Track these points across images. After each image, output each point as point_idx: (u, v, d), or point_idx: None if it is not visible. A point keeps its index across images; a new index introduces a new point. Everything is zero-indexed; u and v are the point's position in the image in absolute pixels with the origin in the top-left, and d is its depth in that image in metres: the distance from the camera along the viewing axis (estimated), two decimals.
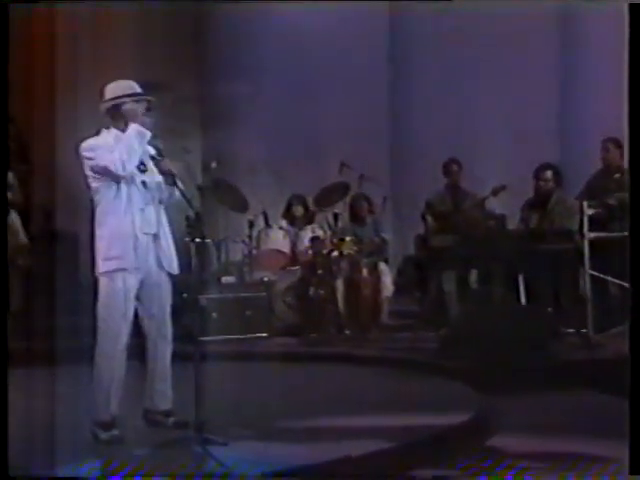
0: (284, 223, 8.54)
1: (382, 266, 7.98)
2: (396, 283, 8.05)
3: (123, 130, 4.46)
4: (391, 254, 8.42)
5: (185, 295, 5.59)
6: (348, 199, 8.30)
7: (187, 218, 4.28)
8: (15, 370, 4.10)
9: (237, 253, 8.62)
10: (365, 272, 7.84)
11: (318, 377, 6.36)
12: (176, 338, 4.61)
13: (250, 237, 8.40)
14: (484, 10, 9.04)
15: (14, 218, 7.35)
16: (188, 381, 4.33)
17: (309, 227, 8.37)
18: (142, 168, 4.46)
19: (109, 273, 4.37)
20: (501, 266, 6.91)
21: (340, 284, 7.82)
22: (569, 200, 7.19)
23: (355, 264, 7.85)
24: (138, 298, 4.44)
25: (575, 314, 6.73)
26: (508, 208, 7.68)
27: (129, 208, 4.39)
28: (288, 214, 8.59)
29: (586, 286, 6.65)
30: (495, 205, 7.73)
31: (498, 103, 9.44)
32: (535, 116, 9.48)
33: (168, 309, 4.50)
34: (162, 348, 4.51)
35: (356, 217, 8.29)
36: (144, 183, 4.46)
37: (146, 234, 4.41)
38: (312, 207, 8.58)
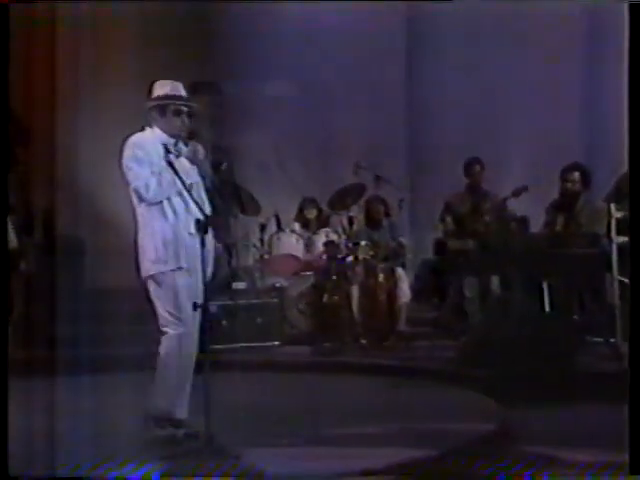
0: (297, 227, 8.54)
1: (399, 271, 7.97)
2: (413, 289, 8.03)
3: (165, 131, 4.55)
4: (408, 259, 8.40)
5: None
6: (363, 202, 8.29)
7: (196, 221, 4.31)
8: (13, 380, 4.10)
9: (248, 258, 8.62)
10: (381, 277, 7.83)
11: (332, 387, 6.35)
12: None
13: (262, 241, 8.42)
14: (509, 5, 9.05)
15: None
16: (197, 390, 4.34)
17: (323, 231, 8.37)
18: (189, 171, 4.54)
19: (159, 275, 4.45)
20: (524, 271, 6.83)
21: (355, 290, 7.82)
22: (597, 202, 7.13)
23: (371, 269, 7.84)
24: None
25: (603, 322, 6.68)
26: (532, 210, 7.63)
27: (175, 207, 4.46)
28: (300, 217, 8.59)
29: (614, 293, 6.58)
30: (518, 207, 7.67)
31: (522, 101, 9.41)
32: (561, 114, 9.39)
33: (199, 315, 4.49)
34: (190, 342, 4.49)
35: (372, 220, 8.29)
36: (190, 186, 4.51)
37: (191, 234, 4.44)
38: (326, 210, 8.57)
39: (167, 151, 4.50)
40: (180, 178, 4.43)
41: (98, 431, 4.51)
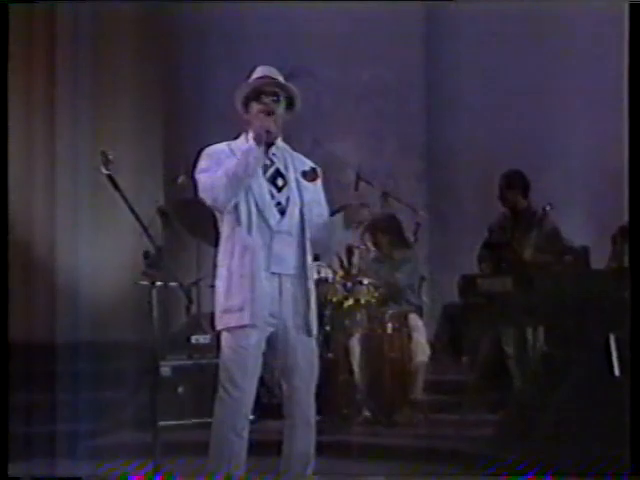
0: None
1: (414, 319, 7.93)
2: (434, 343, 7.97)
3: (254, 130, 4.64)
4: (427, 302, 8.42)
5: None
6: (369, 225, 7.97)
7: (145, 254, 4.46)
8: None
9: (213, 302, 8.58)
10: (390, 328, 7.78)
11: (325, 475, 5.97)
12: (129, 423, 4.94)
13: None
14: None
15: None
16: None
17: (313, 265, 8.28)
18: (279, 184, 4.64)
19: (229, 330, 4.61)
20: (584, 321, 6.70)
21: (356, 345, 7.77)
22: None
23: (376, 316, 7.80)
24: (273, 361, 4.74)
25: None
26: (592, 238, 7.65)
27: (251, 240, 4.57)
28: None
29: None
30: (574, 234, 7.70)
31: (567, 105, 9.67)
32: (617, 120, 9.21)
33: (313, 382, 4.73)
34: (303, 434, 4.73)
35: (380, 251, 8.19)
36: (279, 205, 4.63)
37: (275, 275, 4.58)
38: None
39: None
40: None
41: None
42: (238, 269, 4.56)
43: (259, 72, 4.77)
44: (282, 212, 4.62)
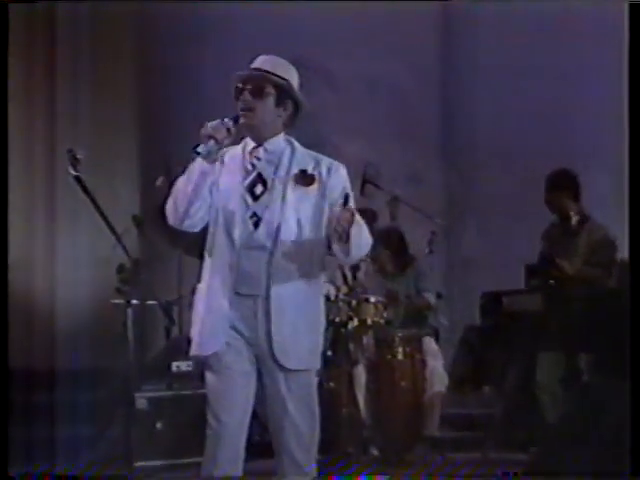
0: None
1: (429, 343, 7.94)
2: (452, 371, 7.96)
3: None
4: (444, 324, 8.40)
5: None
6: (376, 235, 8.06)
7: (119, 268, 4.06)
8: None
9: None
10: (401, 353, 7.80)
11: None
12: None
13: None
14: None
15: None
16: None
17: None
18: (256, 192, 4.46)
19: (202, 359, 4.55)
20: (626, 345, 6.23)
21: (361, 372, 7.78)
22: None
23: (385, 340, 7.82)
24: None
25: None
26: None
27: (217, 257, 4.45)
28: None
29: None
30: None
31: (589, 103, 9.83)
32: None
33: (306, 424, 4.52)
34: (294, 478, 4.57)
35: (389, 265, 8.19)
36: (254, 217, 4.43)
37: (248, 297, 4.41)
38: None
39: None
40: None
41: None
42: (198, 291, 4.54)
43: (254, 63, 4.65)
44: (256, 224, 4.43)
